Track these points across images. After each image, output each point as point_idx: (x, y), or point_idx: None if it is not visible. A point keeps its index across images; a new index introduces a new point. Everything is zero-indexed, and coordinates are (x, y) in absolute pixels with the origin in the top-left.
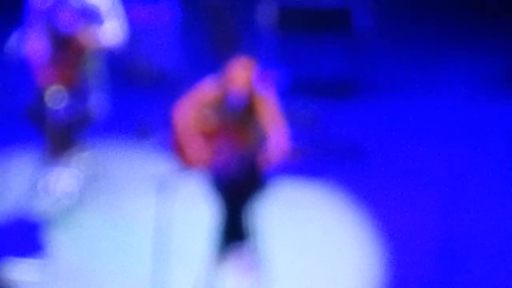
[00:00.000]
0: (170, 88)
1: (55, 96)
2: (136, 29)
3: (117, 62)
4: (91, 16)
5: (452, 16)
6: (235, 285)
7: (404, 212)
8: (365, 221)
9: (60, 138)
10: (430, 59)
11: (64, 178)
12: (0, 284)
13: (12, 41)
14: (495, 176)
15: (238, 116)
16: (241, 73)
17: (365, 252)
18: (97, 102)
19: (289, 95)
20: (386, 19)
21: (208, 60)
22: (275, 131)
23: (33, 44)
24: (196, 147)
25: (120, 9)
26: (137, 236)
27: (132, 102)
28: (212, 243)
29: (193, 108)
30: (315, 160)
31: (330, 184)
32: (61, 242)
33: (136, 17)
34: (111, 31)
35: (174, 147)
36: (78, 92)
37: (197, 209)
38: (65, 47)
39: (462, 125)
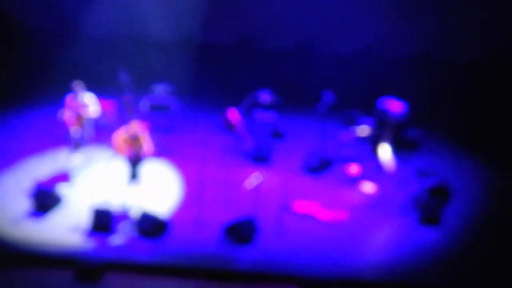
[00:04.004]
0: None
1: (75, 131)
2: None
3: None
4: (85, 106)
5: None
6: (137, 187)
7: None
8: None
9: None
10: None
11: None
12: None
13: (59, 113)
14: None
15: (135, 140)
16: (134, 125)
17: (174, 182)
18: (89, 133)
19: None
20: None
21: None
22: (146, 146)
23: (66, 114)
24: (123, 148)
25: (97, 103)
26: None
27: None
28: (127, 175)
29: (121, 135)
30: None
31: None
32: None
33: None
34: (93, 111)
35: (116, 148)
36: (83, 129)
37: (124, 167)
38: (78, 115)
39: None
